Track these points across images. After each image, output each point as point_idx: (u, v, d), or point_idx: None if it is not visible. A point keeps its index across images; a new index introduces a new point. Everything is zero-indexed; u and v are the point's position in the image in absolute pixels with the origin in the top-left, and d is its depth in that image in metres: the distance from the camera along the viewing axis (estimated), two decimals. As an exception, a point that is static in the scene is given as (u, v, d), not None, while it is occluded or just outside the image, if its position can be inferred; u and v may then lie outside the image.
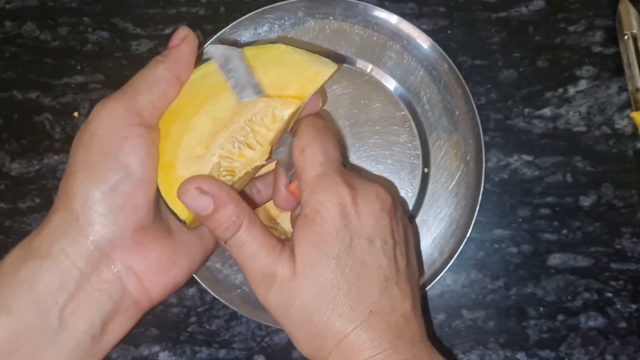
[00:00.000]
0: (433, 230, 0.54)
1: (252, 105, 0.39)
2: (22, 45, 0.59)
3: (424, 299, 0.54)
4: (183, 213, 0.38)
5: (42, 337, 0.34)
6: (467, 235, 0.52)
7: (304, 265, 0.36)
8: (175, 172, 0.37)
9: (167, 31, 0.58)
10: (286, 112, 0.39)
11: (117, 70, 0.58)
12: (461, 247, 0.52)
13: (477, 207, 0.52)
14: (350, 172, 0.39)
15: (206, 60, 0.41)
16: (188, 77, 0.39)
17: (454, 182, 0.54)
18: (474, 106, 0.52)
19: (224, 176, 0.39)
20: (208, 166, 0.38)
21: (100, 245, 0.35)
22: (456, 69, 0.53)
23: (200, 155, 0.38)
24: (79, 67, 0.59)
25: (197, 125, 0.38)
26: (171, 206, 0.38)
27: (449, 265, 0.52)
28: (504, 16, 0.56)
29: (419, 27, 0.54)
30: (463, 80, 0.53)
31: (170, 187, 0.37)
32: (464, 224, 0.53)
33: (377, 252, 0.37)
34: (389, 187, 0.45)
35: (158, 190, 0.38)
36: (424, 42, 0.54)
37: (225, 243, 0.37)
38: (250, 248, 0.36)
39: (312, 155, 0.38)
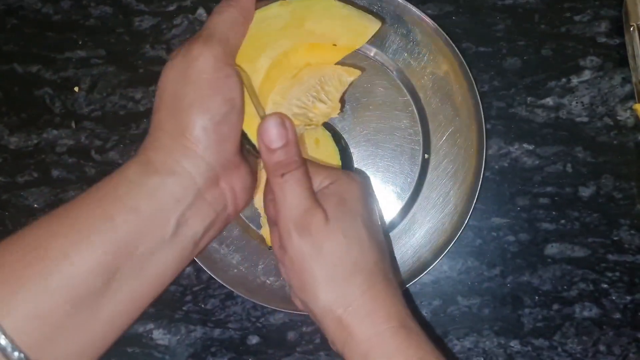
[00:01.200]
0: (431, 217, 0.54)
1: (320, 69, 0.46)
2: (24, 18, 0.59)
3: (414, 285, 0.54)
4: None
5: (159, 238, 0.38)
6: (465, 222, 0.52)
7: (335, 216, 0.41)
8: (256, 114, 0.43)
9: (171, 8, 0.58)
10: (349, 79, 0.46)
11: (119, 46, 0.58)
12: (459, 234, 0.52)
13: (476, 195, 0.52)
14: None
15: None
16: (252, 19, 0.43)
17: (454, 169, 0.54)
18: (477, 93, 0.52)
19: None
20: (288, 113, 0.45)
21: (214, 167, 0.40)
22: (461, 56, 0.52)
23: (278, 103, 0.45)
24: (80, 42, 0.58)
25: (263, 69, 0.44)
26: (248, 133, 0.43)
27: (445, 251, 0.52)
28: (510, 3, 0.56)
29: (424, 11, 0.53)
30: (467, 67, 0.52)
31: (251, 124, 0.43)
32: (462, 211, 0.53)
33: (378, 228, 0.44)
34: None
35: None
36: (429, 27, 0.53)
37: (282, 176, 0.41)
38: (300, 187, 0.41)
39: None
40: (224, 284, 0.53)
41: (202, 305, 0.56)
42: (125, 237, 0.37)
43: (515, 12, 0.56)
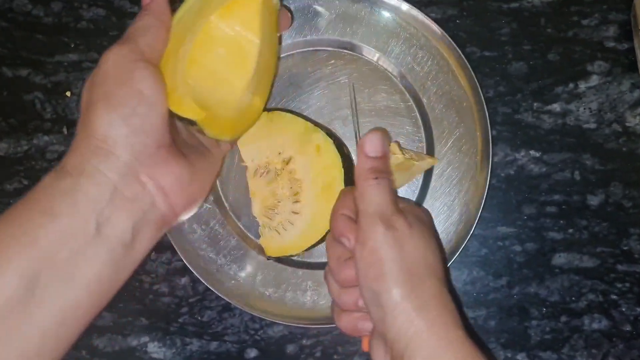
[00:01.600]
0: (436, 225, 0.52)
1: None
2: (13, 20, 0.57)
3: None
4: (194, 114, 0.43)
5: (82, 240, 0.38)
6: (471, 232, 0.50)
7: (416, 225, 0.43)
8: (176, 89, 0.43)
9: (166, 10, 0.56)
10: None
11: (112, 49, 0.56)
12: (464, 243, 0.50)
13: (482, 203, 0.50)
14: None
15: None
16: (170, 21, 0.44)
17: (458, 177, 0.52)
18: (482, 99, 0.51)
19: None
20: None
21: (129, 162, 0.40)
22: (465, 60, 0.51)
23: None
24: (72, 45, 0.56)
25: (184, 53, 0.44)
26: (179, 113, 0.43)
27: (451, 261, 0.50)
28: (516, 7, 0.55)
29: (427, 15, 0.52)
30: (472, 72, 0.51)
31: (175, 101, 0.43)
32: (468, 220, 0.51)
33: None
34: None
35: (171, 116, 0.42)
36: (433, 31, 0.52)
37: (375, 179, 0.43)
38: (388, 191, 0.43)
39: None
40: (221, 296, 0.51)
41: (199, 318, 0.54)
42: (44, 243, 0.37)
43: (520, 16, 0.55)
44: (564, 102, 0.54)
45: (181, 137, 0.46)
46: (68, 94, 0.56)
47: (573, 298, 0.52)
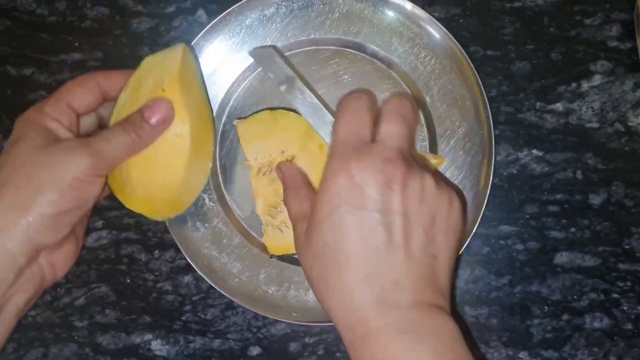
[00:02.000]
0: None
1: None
2: (17, 19, 0.57)
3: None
4: (143, 208, 0.48)
5: None
6: (474, 230, 0.50)
7: (307, 234, 0.41)
8: (125, 185, 0.47)
9: (170, 9, 0.56)
10: None
11: (116, 48, 0.56)
12: (467, 242, 0.50)
13: (485, 202, 0.50)
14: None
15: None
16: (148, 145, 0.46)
17: (461, 176, 0.52)
18: (486, 98, 0.51)
19: None
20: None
21: (38, 247, 0.42)
22: (469, 60, 0.51)
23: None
24: (76, 44, 0.57)
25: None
26: (132, 209, 0.48)
27: (462, 248, 0.50)
28: (519, 6, 0.55)
29: (430, 14, 0.52)
30: (475, 71, 0.51)
31: (126, 197, 0.47)
32: (470, 220, 0.51)
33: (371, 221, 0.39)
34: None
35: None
36: (436, 30, 0.52)
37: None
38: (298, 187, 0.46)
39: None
40: (224, 294, 0.51)
41: (202, 315, 0.54)
42: None
43: (524, 15, 0.55)
44: (567, 101, 0.54)
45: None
46: (72, 92, 0.56)
47: (575, 297, 0.52)
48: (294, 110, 0.51)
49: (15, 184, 0.42)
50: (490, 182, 0.51)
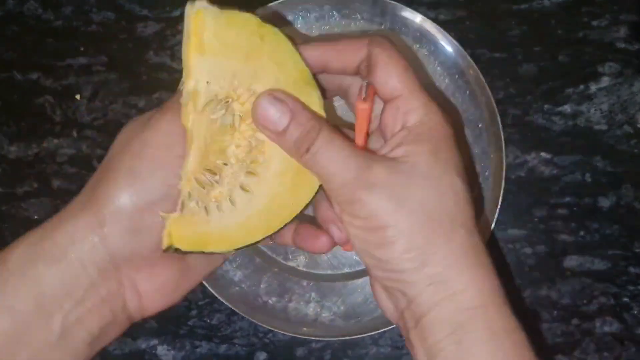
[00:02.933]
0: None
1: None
2: (24, 24, 0.57)
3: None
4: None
5: (43, 341, 0.33)
6: (487, 237, 0.50)
7: (423, 164, 0.33)
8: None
9: (175, 13, 0.56)
10: None
11: (122, 52, 0.56)
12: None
13: (497, 211, 0.49)
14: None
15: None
16: None
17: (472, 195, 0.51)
18: (499, 122, 0.50)
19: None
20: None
21: (117, 259, 0.34)
22: (484, 81, 0.50)
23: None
24: (82, 49, 0.57)
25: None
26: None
27: None
28: (526, 8, 0.54)
29: (436, 17, 0.52)
30: (490, 93, 0.50)
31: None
32: (483, 225, 0.51)
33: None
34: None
35: None
36: (452, 48, 0.51)
37: (308, 151, 0.33)
38: (336, 149, 0.33)
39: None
40: (224, 301, 0.51)
41: (208, 320, 0.54)
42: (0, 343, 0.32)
43: (530, 17, 0.54)
44: (575, 103, 0.53)
45: None
46: (78, 97, 0.56)
47: (584, 301, 0.52)
48: (293, 41, 0.36)
49: (97, 177, 0.34)
50: (502, 188, 0.49)
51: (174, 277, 0.36)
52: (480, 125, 0.51)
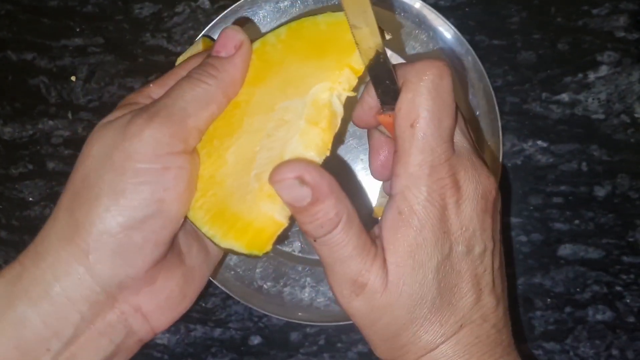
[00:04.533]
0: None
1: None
2: (18, 3, 0.56)
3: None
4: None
5: None
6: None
7: (397, 279, 0.31)
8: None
9: (172, -5, 0.56)
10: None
11: (118, 34, 0.56)
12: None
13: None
14: (455, 156, 0.32)
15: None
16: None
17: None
18: (498, 115, 0.50)
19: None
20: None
21: (109, 287, 0.31)
22: (485, 73, 0.50)
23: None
24: (77, 29, 0.56)
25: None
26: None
27: None
28: (526, -5, 0.54)
29: (436, 3, 0.51)
30: (489, 84, 0.50)
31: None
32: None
33: (474, 260, 0.32)
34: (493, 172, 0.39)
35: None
36: (441, 25, 0.51)
37: (315, 241, 0.31)
38: (344, 250, 0.31)
39: (424, 136, 0.30)
40: (221, 287, 0.51)
41: (203, 304, 0.54)
42: None
43: (530, 4, 0.54)
44: (573, 92, 0.53)
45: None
46: (73, 78, 0.56)
47: (578, 289, 0.52)
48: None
49: (71, 196, 0.31)
50: (500, 174, 0.50)
51: (178, 286, 0.34)
52: (477, 113, 0.51)
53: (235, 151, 0.33)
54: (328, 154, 0.34)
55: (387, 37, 0.32)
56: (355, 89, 0.34)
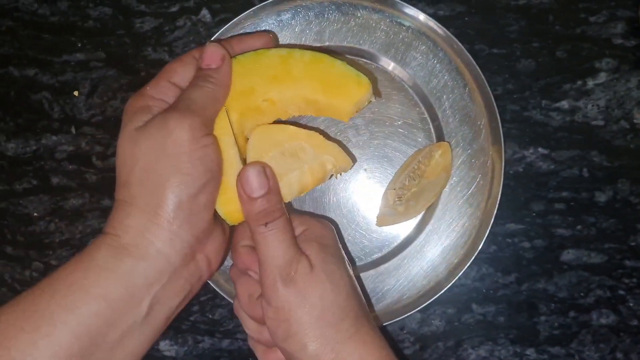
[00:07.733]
0: (446, 234, 0.52)
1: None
2: (19, 19, 0.56)
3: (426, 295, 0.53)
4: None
5: (130, 323, 0.38)
6: (486, 233, 0.50)
7: (319, 261, 0.41)
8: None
9: (173, 9, 0.56)
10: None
11: (119, 48, 0.56)
12: (480, 245, 0.51)
13: (497, 204, 0.50)
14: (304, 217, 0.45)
15: None
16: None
17: (468, 194, 0.52)
18: (499, 119, 0.51)
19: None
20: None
21: (190, 242, 0.40)
22: (484, 78, 0.51)
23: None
24: (79, 44, 0.56)
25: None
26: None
27: (460, 273, 0.51)
28: (524, 4, 0.55)
29: (435, 12, 0.52)
30: (489, 89, 0.51)
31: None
32: (483, 221, 0.51)
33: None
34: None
35: None
36: (451, 45, 0.52)
37: (266, 226, 0.40)
38: (284, 236, 0.41)
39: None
40: (226, 297, 0.51)
41: (210, 316, 0.54)
42: (92, 327, 0.37)
43: (529, 13, 0.55)
44: (572, 99, 0.54)
45: None
46: (76, 93, 0.56)
47: (581, 294, 0.53)
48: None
49: (140, 180, 0.39)
50: (501, 184, 0.51)
51: (223, 236, 0.43)
52: (479, 123, 0.52)
53: (257, 145, 0.44)
54: (300, 196, 0.46)
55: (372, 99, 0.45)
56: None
